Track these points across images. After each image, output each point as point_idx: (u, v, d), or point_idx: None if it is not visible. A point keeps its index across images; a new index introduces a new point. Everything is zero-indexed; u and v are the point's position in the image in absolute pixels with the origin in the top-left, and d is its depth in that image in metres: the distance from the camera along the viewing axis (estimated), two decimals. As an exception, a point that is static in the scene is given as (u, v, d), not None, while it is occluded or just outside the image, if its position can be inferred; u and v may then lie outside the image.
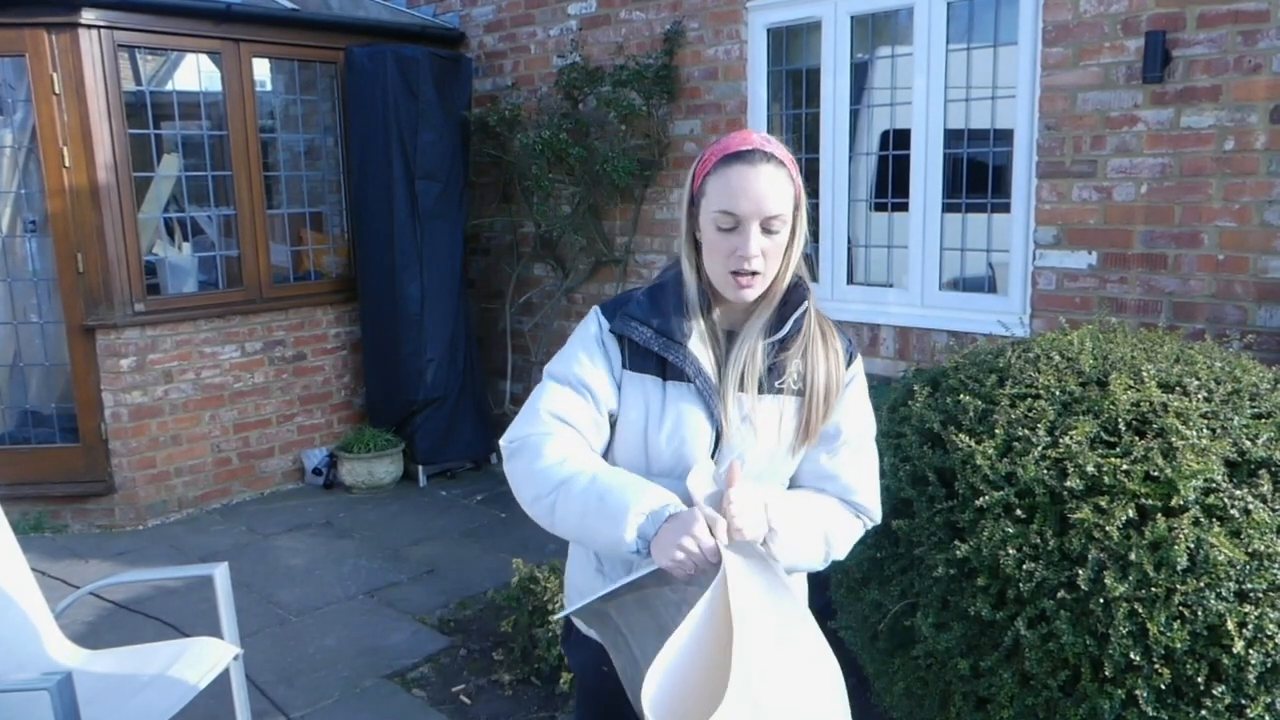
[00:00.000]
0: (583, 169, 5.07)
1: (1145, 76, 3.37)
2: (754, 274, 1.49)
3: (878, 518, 1.68)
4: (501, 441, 1.59)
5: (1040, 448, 2.15)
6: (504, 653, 3.44)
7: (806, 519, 1.54)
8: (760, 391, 1.54)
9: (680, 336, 1.54)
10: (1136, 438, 2.12)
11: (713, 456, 1.54)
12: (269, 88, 5.47)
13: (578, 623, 1.74)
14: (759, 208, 1.46)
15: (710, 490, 1.44)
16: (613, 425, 1.60)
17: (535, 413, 1.55)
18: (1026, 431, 2.20)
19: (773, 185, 1.47)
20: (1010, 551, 2.07)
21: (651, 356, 1.55)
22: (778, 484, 1.62)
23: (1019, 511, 2.12)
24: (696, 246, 1.56)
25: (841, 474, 1.63)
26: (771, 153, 1.49)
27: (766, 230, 1.48)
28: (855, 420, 1.64)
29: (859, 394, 1.65)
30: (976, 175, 4.00)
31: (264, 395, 5.33)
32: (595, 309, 1.62)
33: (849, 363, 1.64)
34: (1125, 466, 2.04)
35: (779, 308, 1.58)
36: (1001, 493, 2.13)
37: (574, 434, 1.54)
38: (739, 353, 1.54)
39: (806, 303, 1.58)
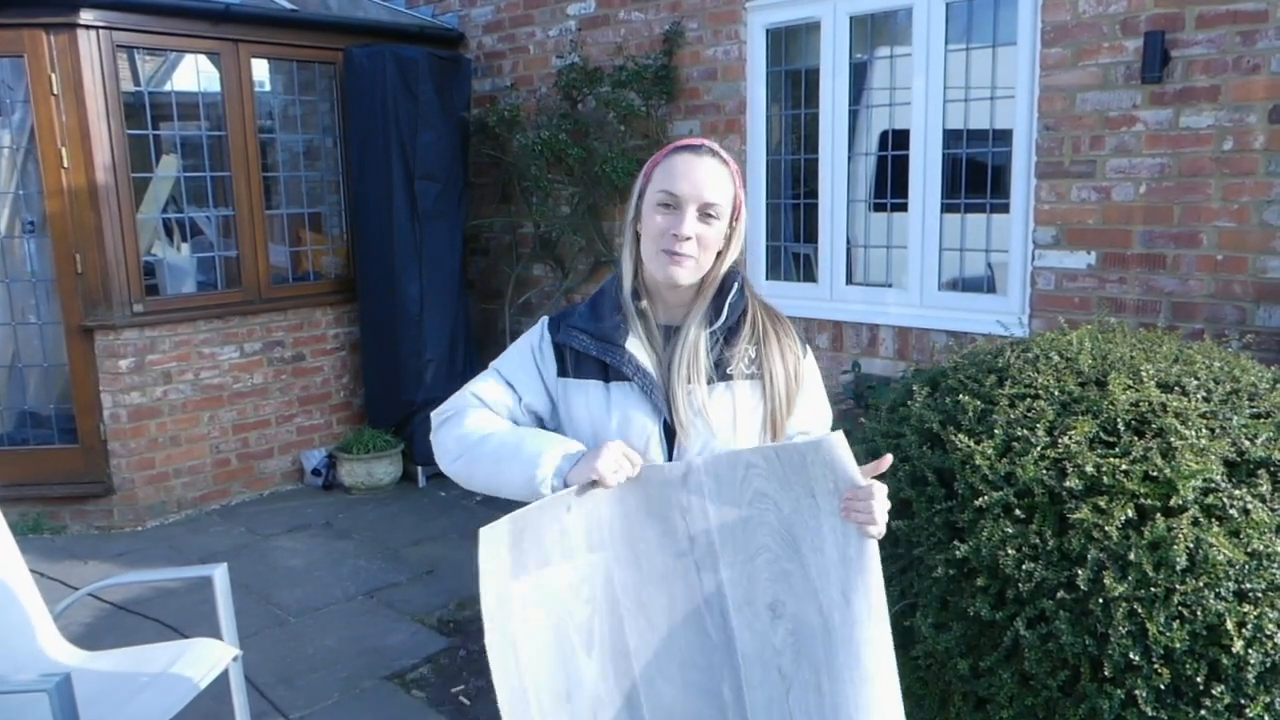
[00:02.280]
0: (582, 169, 5.07)
1: (1144, 77, 3.37)
2: (685, 256, 1.54)
3: None
4: (433, 414, 1.69)
5: (1039, 448, 2.15)
6: (503, 653, 3.44)
7: None
8: (710, 382, 1.57)
9: (618, 338, 1.58)
10: (1136, 438, 2.12)
11: (669, 453, 1.56)
12: (268, 88, 5.47)
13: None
14: (698, 191, 1.53)
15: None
16: (544, 426, 1.66)
17: (462, 393, 1.68)
18: (1026, 431, 2.20)
19: (713, 175, 1.55)
20: (1009, 551, 2.07)
21: (593, 362, 1.60)
22: None
23: (1018, 511, 2.12)
24: (637, 240, 1.62)
25: None
26: (717, 151, 1.59)
27: (704, 216, 1.54)
28: (817, 412, 1.69)
29: (816, 383, 1.71)
30: (975, 175, 4.00)
31: (263, 396, 5.33)
32: (543, 319, 1.70)
33: (803, 354, 1.68)
34: (1124, 466, 2.04)
35: (714, 298, 1.62)
36: (1001, 493, 2.13)
37: (492, 414, 1.64)
38: (681, 346, 1.58)
39: (737, 286, 1.63)
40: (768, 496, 1.48)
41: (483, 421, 1.61)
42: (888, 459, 1.49)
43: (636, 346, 1.58)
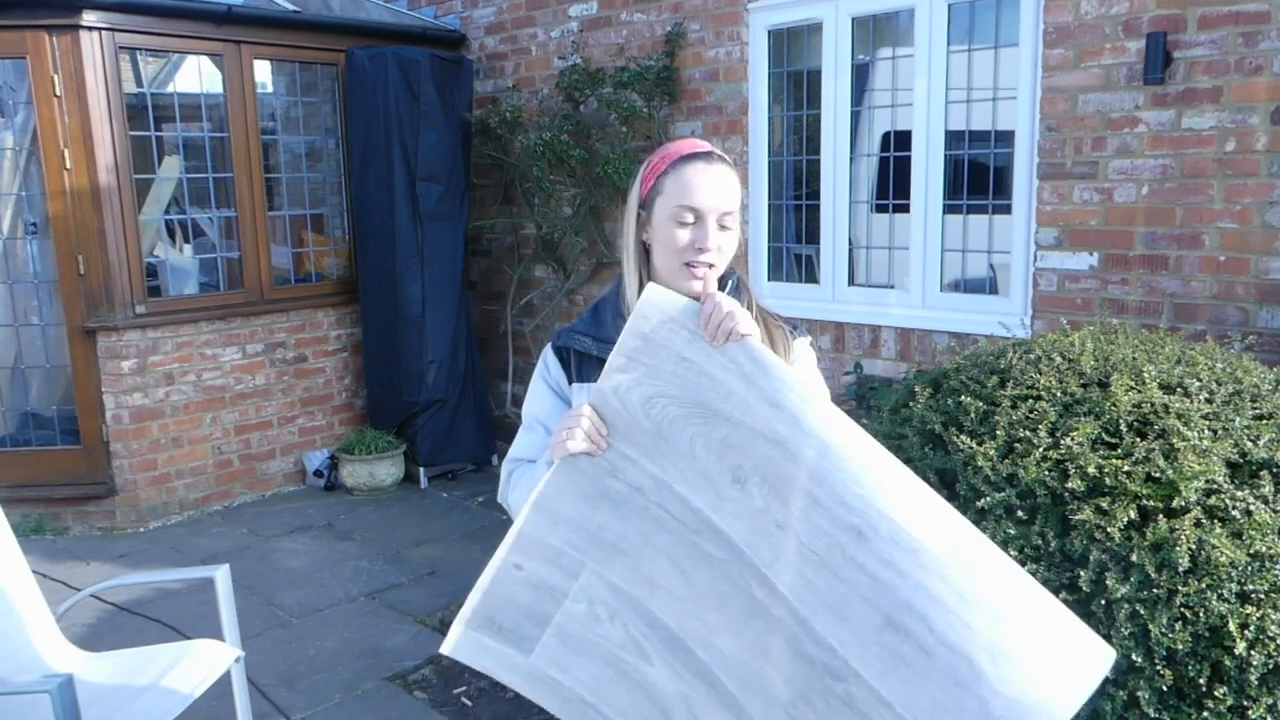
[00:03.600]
0: (584, 171, 5.07)
1: (1146, 78, 3.37)
2: (709, 265, 1.55)
3: None
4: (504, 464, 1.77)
5: (1042, 449, 2.15)
6: (505, 654, 3.44)
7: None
8: None
9: (618, 338, 1.57)
10: (1138, 439, 2.12)
11: None
12: (270, 90, 5.48)
13: None
14: (717, 203, 1.55)
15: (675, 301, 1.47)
16: None
17: (509, 457, 1.74)
18: (1028, 433, 2.20)
19: (727, 183, 1.57)
20: (1012, 553, 2.06)
21: (595, 362, 1.60)
22: None
23: (1020, 513, 2.11)
24: (644, 251, 1.62)
25: None
26: (723, 156, 1.61)
27: (721, 226, 1.56)
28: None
29: (811, 367, 1.70)
30: (977, 176, 4.00)
31: (265, 397, 5.33)
32: (549, 341, 1.73)
33: (795, 337, 1.69)
34: (1127, 468, 2.04)
35: None
36: (1003, 494, 2.13)
37: (529, 465, 1.68)
38: None
39: (731, 284, 1.63)
40: (659, 396, 1.44)
41: (519, 480, 1.66)
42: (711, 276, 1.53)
43: None
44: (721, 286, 1.62)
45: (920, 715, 1.28)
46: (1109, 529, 1.97)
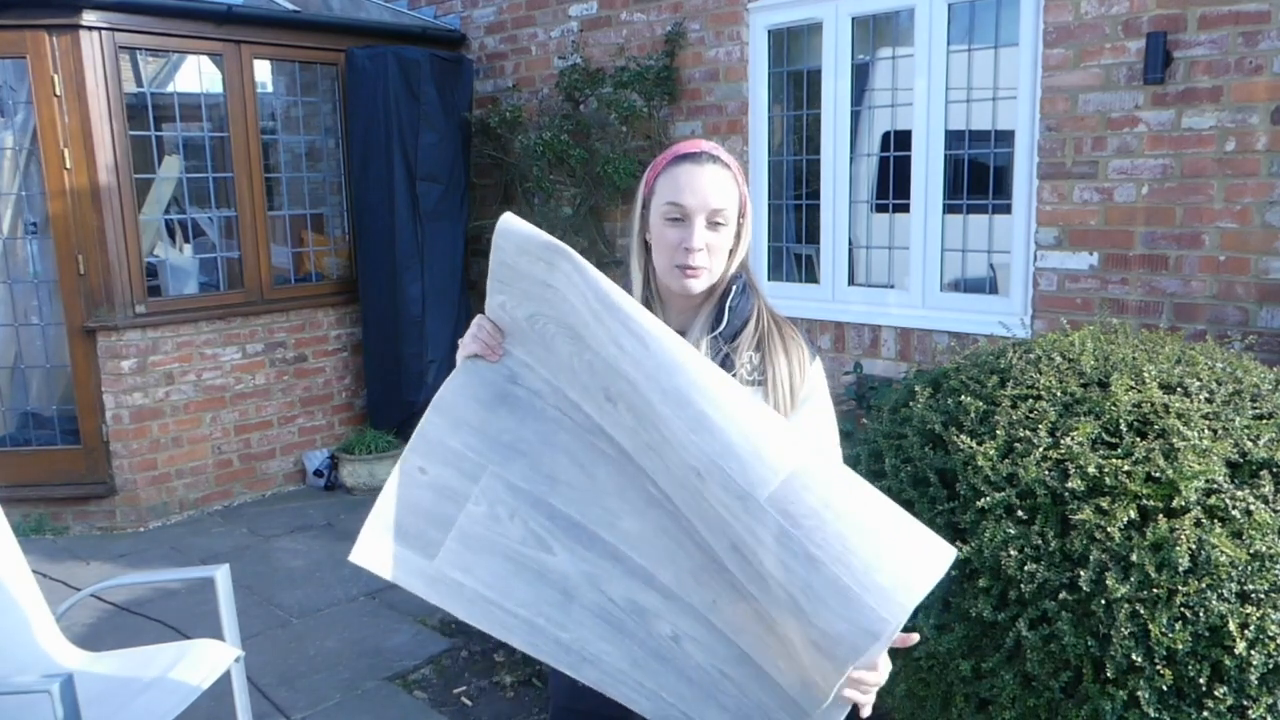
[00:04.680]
0: (584, 170, 5.07)
1: (1146, 78, 3.37)
2: (699, 267, 1.55)
3: None
4: None
5: (1041, 449, 2.15)
6: (505, 654, 3.44)
7: None
8: None
9: None
10: (1138, 439, 2.12)
11: None
12: (270, 89, 5.48)
13: None
14: (704, 201, 1.54)
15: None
16: None
17: None
18: (1028, 432, 2.20)
19: (717, 182, 1.56)
20: (1012, 552, 2.06)
21: None
22: None
23: (1020, 513, 2.11)
24: (646, 250, 1.63)
25: None
26: (717, 156, 1.59)
27: (712, 224, 1.55)
28: (820, 428, 1.62)
29: (821, 396, 1.64)
30: (977, 176, 4.01)
31: (265, 397, 5.33)
32: None
33: (811, 358, 1.64)
34: (1127, 467, 2.04)
35: (718, 301, 1.61)
36: (1003, 494, 2.13)
37: None
38: None
39: (737, 288, 1.61)
40: (538, 314, 1.49)
41: None
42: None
43: None
44: (729, 288, 1.60)
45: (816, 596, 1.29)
46: (1109, 529, 1.97)
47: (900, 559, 1.29)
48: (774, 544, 1.29)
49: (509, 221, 1.48)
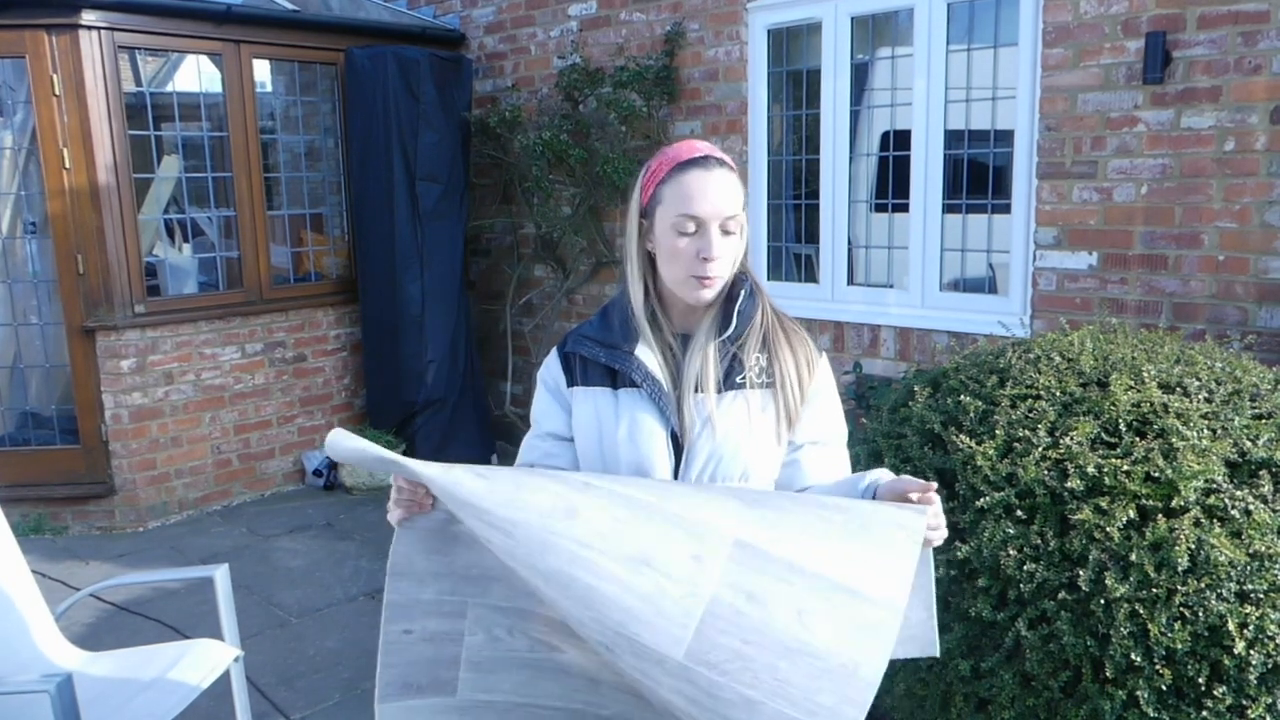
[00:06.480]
0: (583, 170, 5.07)
1: (1145, 77, 3.37)
2: (715, 277, 1.53)
3: None
4: None
5: (1041, 448, 2.15)
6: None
7: None
8: (720, 390, 1.55)
9: (626, 345, 1.57)
10: (1137, 438, 2.12)
11: (677, 461, 1.55)
12: (269, 89, 5.48)
13: None
14: (717, 209, 1.51)
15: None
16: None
17: (516, 461, 1.71)
18: (1027, 432, 2.20)
19: (727, 188, 1.53)
20: (1011, 552, 2.07)
21: (601, 369, 1.59)
22: (763, 481, 1.59)
23: (1020, 512, 2.11)
24: (649, 259, 1.60)
25: (820, 478, 1.60)
26: (723, 159, 1.56)
27: (725, 231, 1.53)
28: (830, 422, 1.63)
29: (829, 391, 1.65)
30: (977, 176, 4.00)
31: (264, 397, 5.33)
32: (558, 345, 1.70)
33: (818, 354, 1.65)
34: (1126, 467, 2.04)
35: (723, 304, 1.59)
36: (1002, 494, 2.13)
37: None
38: (691, 355, 1.56)
39: (744, 292, 1.59)
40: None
41: None
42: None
43: (646, 354, 1.56)
44: (734, 290, 1.58)
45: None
46: (1108, 528, 1.98)
47: (840, 663, 1.22)
48: (707, 698, 1.24)
49: (336, 441, 1.40)
